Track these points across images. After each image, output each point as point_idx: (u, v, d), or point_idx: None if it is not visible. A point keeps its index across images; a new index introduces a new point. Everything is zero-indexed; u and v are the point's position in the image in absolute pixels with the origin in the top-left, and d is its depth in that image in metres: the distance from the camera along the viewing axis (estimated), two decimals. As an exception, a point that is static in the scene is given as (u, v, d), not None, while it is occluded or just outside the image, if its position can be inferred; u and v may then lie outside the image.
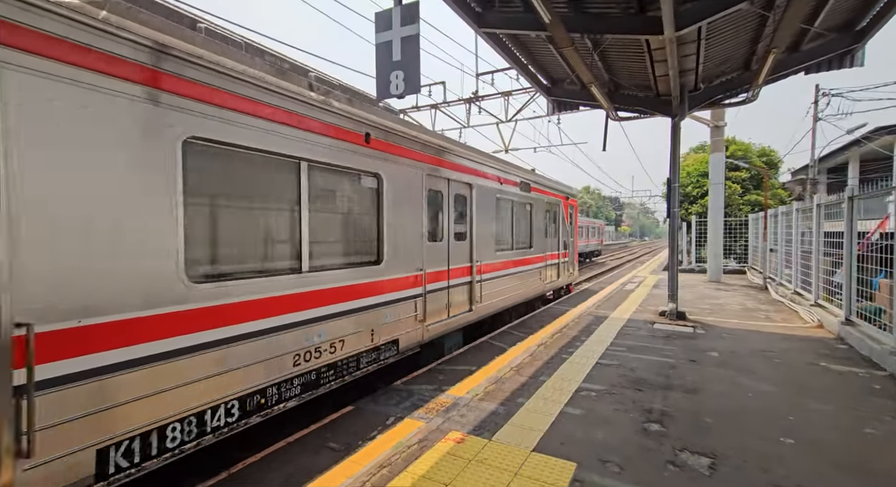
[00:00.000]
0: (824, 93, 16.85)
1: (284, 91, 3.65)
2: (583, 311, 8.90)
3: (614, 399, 4.25)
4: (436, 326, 6.03)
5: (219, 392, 3.18)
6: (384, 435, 3.54)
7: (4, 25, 2.21)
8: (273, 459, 3.40)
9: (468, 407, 4.04)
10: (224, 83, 3.22)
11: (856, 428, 3.57)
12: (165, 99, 2.90)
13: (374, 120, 4.79)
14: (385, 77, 3.30)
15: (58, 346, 2.39)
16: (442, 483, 2.83)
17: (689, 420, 3.77)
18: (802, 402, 4.13)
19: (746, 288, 12.63)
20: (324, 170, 4.26)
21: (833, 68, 7.46)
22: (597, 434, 3.50)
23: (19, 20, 2.27)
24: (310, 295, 3.99)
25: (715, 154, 14.71)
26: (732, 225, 18.52)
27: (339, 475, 2.94)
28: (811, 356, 5.68)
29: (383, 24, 3.16)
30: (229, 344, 3.26)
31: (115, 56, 2.65)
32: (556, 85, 9.28)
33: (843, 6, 6.10)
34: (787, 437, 3.42)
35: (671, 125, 8.33)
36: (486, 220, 7.57)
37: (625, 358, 5.61)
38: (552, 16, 4.91)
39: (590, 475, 2.92)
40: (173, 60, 2.94)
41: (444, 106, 16.47)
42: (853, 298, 6.46)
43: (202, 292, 3.11)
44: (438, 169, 6.14)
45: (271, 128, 3.57)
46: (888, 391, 4.40)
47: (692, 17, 5.12)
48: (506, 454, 3.20)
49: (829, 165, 21.77)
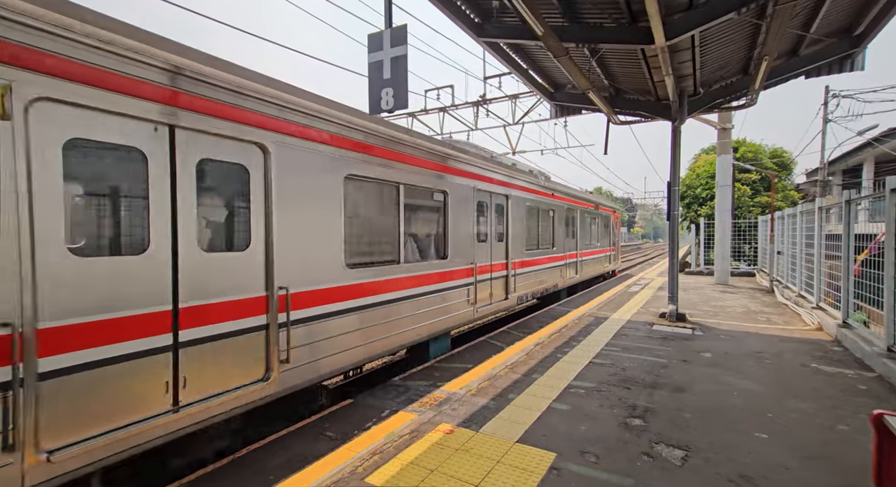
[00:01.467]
0: (834, 95, 16.65)
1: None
2: (584, 312, 9.04)
3: (601, 395, 4.43)
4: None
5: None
6: (378, 426, 3.78)
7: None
8: (274, 446, 3.67)
9: (460, 402, 4.27)
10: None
11: (831, 425, 3.69)
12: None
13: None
14: (377, 94, 3.56)
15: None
16: (428, 469, 3.06)
17: (671, 416, 3.93)
18: (785, 401, 4.26)
19: (753, 291, 12.59)
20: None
21: (833, 72, 7.51)
22: (580, 428, 3.69)
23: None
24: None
25: (722, 156, 14.67)
26: (742, 227, 18.39)
27: (334, 460, 3.19)
28: (805, 357, 5.76)
29: (375, 45, 3.41)
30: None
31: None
32: (559, 90, 9.48)
33: (837, 13, 6.19)
34: (762, 432, 3.57)
35: (671, 129, 8.45)
36: (587, 229, 13.76)
37: (618, 357, 5.77)
38: (544, 27, 5.12)
39: (567, 464, 3.12)
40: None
41: (453, 109, 16.75)
42: (850, 301, 6.51)
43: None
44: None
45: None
46: (872, 391, 4.49)
47: (682, 27, 5.28)
48: (491, 444, 3.41)
49: (843, 167, 21.42)
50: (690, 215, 21.48)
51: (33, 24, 2.41)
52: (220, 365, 3.32)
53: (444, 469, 3.04)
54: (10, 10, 2.34)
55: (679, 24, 5.30)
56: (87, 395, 2.64)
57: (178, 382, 3.06)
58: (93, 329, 2.67)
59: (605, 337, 6.84)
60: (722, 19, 5.11)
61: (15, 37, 2.36)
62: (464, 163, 6.83)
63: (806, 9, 5.98)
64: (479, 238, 7.37)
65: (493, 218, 7.99)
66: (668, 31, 5.26)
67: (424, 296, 5.83)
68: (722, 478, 2.92)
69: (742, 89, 8.19)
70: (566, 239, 12.20)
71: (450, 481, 2.90)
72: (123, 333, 2.80)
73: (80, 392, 2.60)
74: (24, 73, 2.39)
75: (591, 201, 14.81)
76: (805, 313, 8.44)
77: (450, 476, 2.95)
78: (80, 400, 2.61)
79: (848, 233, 6.47)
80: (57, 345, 2.52)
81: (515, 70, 8.01)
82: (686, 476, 2.96)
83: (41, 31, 2.45)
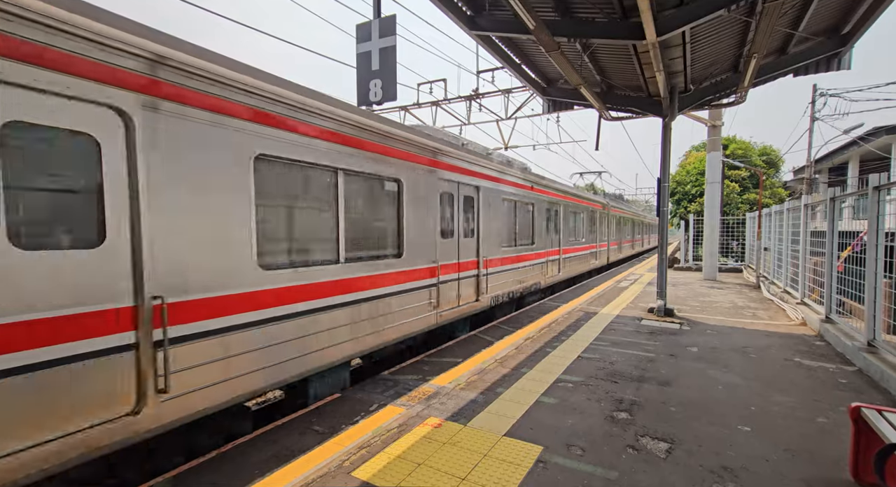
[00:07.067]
0: (822, 94, 16.87)
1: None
2: (573, 308, 9.10)
3: (589, 389, 4.47)
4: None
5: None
6: (367, 420, 3.78)
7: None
8: (260, 440, 3.66)
9: (449, 396, 4.28)
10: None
11: (811, 418, 3.77)
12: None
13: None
14: (365, 85, 3.52)
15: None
16: (415, 462, 3.06)
17: (657, 409, 3.98)
18: (768, 394, 4.33)
19: (740, 287, 12.77)
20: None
21: (820, 71, 7.59)
22: (567, 422, 3.72)
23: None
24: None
25: (712, 153, 14.79)
26: (731, 223, 18.62)
27: (321, 454, 3.18)
28: (788, 352, 5.86)
29: (363, 36, 3.37)
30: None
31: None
32: (551, 85, 9.47)
33: (825, 12, 6.24)
34: (745, 425, 3.63)
35: (662, 125, 8.49)
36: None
37: (606, 352, 5.82)
38: (536, 21, 5.10)
39: (553, 456, 3.14)
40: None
41: (445, 103, 16.66)
42: (833, 296, 6.63)
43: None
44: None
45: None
46: (852, 385, 4.58)
47: (673, 23, 5.29)
48: (478, 438, 3.43)
49: (829, 165, 21.75)
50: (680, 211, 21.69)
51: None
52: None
53: (432, 463, 3.05)
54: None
55: (670, 19, 5.30)
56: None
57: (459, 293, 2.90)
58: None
59: (594, 332, 6.90)
60: (712, 16, 5.13)
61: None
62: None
63: (794, 7, 6.02)
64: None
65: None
66: (659, 26, 5.27)
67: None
68: (704, 470, 2.97)
69: (732, 86, 8.25)
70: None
71: (437, 474, 2.91)
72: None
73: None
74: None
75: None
76: (790, 308, 8.58)
77: (437, 470, 2.96)
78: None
79: (832, 230, 6.58)
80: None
81: (508, 64, 7.98)
82: (670, 468, 3.00)
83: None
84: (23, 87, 2.43)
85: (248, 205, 3.64)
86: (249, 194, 3.66)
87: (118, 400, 2.84)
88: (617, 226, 20.53)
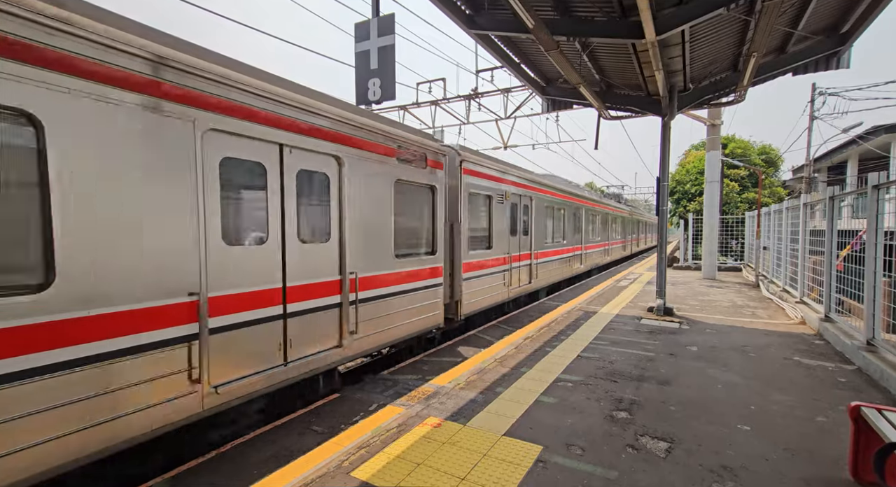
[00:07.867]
0: (821, 93, 16.87)
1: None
2: (573, 307, 9.10)
3: (588, 389, 4.46)
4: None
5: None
6: (366, 420, 3.77)
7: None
8: (259, 440, 3.65)
9: (448, 396, 4.27)
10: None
11: (810, 417, 3.77)
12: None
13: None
14: (364, 84, 3.50)
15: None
16: (414, 462, 3.06)
17: (656, 408, 3.98)
18: (767, 393, 4.33)
19: (739, 286, 12.78)
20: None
21: (819, 70, 7.58)
22: (566, 421, 3.71)
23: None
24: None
25: (711, 152, 14.80)
26: (730, 222, 18.63)
27: (320, 454, 3.18)
28: (787, 351, 5.87)
29: (362, 35, 3.36)
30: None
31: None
32: (551, 84, 9.45)
33: (824, 11, 6.23)
34: (744, 425, 3.63)
35: (661, 124, 8.49)
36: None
37: (606, 351, 5.82)
38: (535, 20, 5.09)
39: (553, 456, 3.14)
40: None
41: (445, 102, 16.64)
42: (832, 295, 6.63)
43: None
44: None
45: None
46: (851, 383, 4.59)
47: (672, 22, 5.28)
48: (478, 437, 3.42)
49: (829, 164, 21.76)
50: (679, 210, 21.70)
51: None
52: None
53: (431, 463, 3.04)
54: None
55: (669, 18, 5.29)
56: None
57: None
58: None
59: (594, 331, 6.90)
60: (711, 14, 5.11)
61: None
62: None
63: (794, 6, 6.02)
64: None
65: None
66: (658, 25, 5.26)
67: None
68: (704, 469, 2.96)
69: (731, 85, 8.24)
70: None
71: (436, 474, 2.90)
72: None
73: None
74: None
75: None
76: (789, 307, 8.59)
77: (436, 470, 2.95)
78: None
79: (831, 229, 6.58)
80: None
81: (507, 63, 7.96)
82: (669, 467, 3.00)
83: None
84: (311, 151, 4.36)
85: (390, 214, 5.39)
86: (392, 207, 5.42)
87: (335, 335, 4.66)
88: (623, 225, 24.22)
